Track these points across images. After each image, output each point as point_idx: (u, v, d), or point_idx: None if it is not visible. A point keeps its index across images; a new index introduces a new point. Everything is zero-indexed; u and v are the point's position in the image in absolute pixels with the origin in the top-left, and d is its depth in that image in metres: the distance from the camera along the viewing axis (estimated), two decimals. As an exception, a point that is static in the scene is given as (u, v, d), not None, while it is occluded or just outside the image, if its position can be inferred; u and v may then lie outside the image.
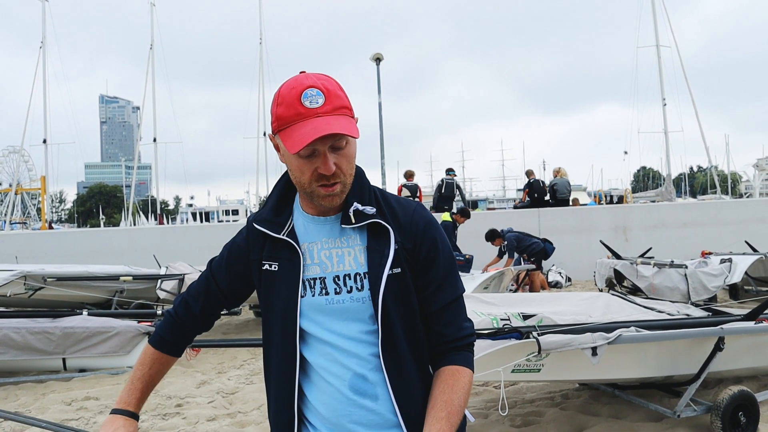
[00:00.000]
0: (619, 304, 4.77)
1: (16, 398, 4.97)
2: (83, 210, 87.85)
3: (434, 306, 1.42)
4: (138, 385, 1.54)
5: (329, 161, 1.30)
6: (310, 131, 1.26)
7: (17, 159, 42.70)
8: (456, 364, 1.41)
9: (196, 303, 1.57)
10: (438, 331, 1.43)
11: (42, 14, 35.14)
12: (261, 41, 40.36)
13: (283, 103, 1.31)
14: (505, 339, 3.16)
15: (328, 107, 1.29)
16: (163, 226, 29.18)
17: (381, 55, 15.93)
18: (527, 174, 15.35)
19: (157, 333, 1.60)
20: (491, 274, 8.65)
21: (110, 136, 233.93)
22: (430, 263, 1.42)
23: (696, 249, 10.63)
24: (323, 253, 1.41)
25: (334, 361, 1.38)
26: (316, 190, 1.34)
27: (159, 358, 1.58)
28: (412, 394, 1.38)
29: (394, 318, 1.37)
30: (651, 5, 30.90)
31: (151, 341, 1.59)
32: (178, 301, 1.62)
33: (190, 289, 1.61)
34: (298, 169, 1.33)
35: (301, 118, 1.28)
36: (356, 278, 1.38)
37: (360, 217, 1.39)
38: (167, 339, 1.59)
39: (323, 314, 1.39)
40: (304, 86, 1.30)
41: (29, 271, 7.36)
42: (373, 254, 1.38)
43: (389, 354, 1.36)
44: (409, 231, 1.41)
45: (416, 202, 1.51)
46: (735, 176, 65.44)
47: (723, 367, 3.94)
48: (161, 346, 1.58)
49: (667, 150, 30.62)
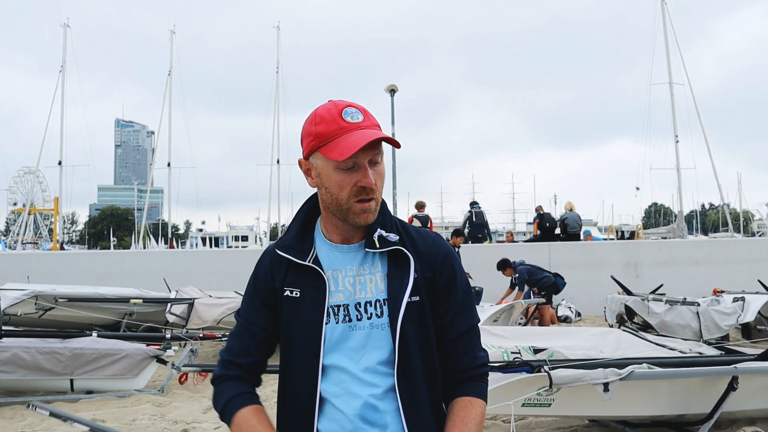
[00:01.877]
0: (630, 340, 4.73)
1: (22, 418, 4.96)
2: (94, 232, 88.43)
3: (451, 334, 1.44)
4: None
5: (369, 173, 1.35)
6: (358, 139, 1.31)
7: (32, 180, 43.17)
8: (470, 395, 1.42)
9: (242, 357, 1.45)
10: (454, 359, 1.44)
11: (63, 39, 35.99)
12: (278, 70, 40.92)
13: (322, 122, 1.36)
14: (516, 372, 3.15)
15: (368, 123, 1.37)
16: (174, 250, 29.29)
17: (395, 86, 16.11)
18: (537, 210, 15.42)
19: (227, 401, 1.42)
20: (501, 307, 8.60)
21: (124, 160, 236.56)
22: (449, 292, 1.45)
23: (707, 287, 10.52)
24: (347, 280, 1.42)
25: (345, 389, 1.38)
26: (353, 206, 1.37)
27: (255, 410, 1.40)
28: (424, 423, 1.38)
29: (411, 345, 1.37)
30: (665, 42, 31.12)
31: (231, 409, 1.40)
32: (219, 368, 1.47)
33: (229, 349, 1.47)
34: (337, 184, 1.36)
35: (344, 131, 1.34)
36: (376, 305, 1.40)
37: (383, 243, 1.41)
38: (241, 392, 1.43)
39: (342, 341, 1.40)
40: (343, 105, 1.37)
41: (41, 291, 7.42)
42: (394, 281, 1.40)
43: (405, 381, 1.37)
44: (428, 260, 1.44)
45: (435, 233, 1.54)
46: (747, 214, 64.96)
47: (736, 407, 3.88)
48: (244, 401, 1.41)
49: (680, 186, 30.53)
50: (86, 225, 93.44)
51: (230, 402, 1.41)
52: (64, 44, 35.93)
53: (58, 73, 35.67)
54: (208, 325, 7.43)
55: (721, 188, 31.37)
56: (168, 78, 38.71)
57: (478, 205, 14.82)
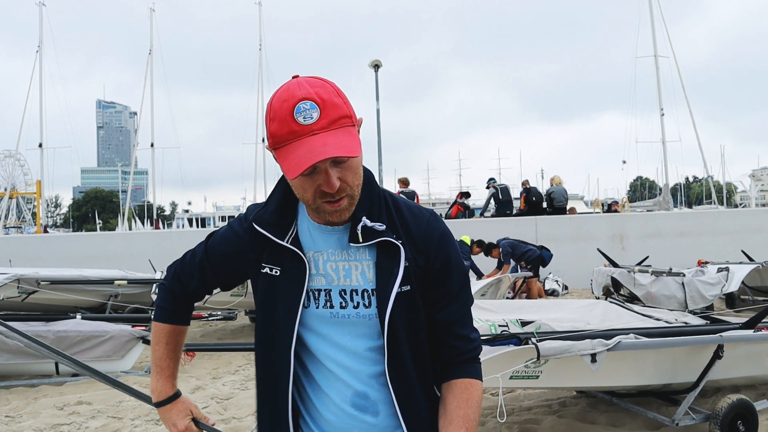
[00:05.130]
0: (616, 311, 4.76)
1: (7, 402, 4.91)
2: (79, 215, 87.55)
3: (445, 320, 1.38)
4: (163, 365, 1.53)
5: (332, 178, 1.21)
6: (305, 154, 1.17)
7: (12, 163, 42.48)
8: (467, 376, 1.39)
9: (189, 282, 1.52)
10: (448, 344, 1.40)
11: (39, 18, 35.14)
12: (261, 47, 40.40)
13: (275, 118, 1.21)
14: (504, 345, 3.14)
15: (324, 121, 1.19)
16: (159, 230, 29.07)
17: (380, 61, 15.95)
18: (523, 184, 15.43)
19: (161, 307, 1.55)
20: (488, 281, 8.62)
21: (107, 141, 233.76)
22: (444, 278, 1.37)
23: (692, 258, 10.63)
24: (329, 264, 1.34)
25: (334, 376, 1.35)
26: (322, 206, 1.27)
27: (172, 331, 1.54)
28: (419, 412, 1.35)
29: (400, 336, 1.32)
30: (650, 16, 31.06)
31: (156, 318, 1.55)
32: (170, 275, 1.55)
33: (183, 265, 1.53)
34: (299, 187, 1.26)
35: (295, 137, 1.19)
36: (363, 294, 1.33)
37: (369, 235, 1.31)
38: (173, 309, 1.54)
39: (328, 326, 1.34)
40: (297, 99, 1.19)
41: (23, 275, 7.31)
42: (382, 271, 1.31)
43: (396, 372, 1.33)
44: (422, 245, 1.35)
45: (430, 212, 1.43)
46: (731, 186, 65.70)
47: (721, 375, 3.91)
48: (169, 318, 1.54)
49: (665, 160, 30.71)
50: (70, 208, 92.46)
51: (161, 310, 1.54)
52: (40, 23, 35.12)
53: (35, 53, 34.94)
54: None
55: (706, 161, 31.64)
56: (149, 57, 38.13)
57: (494, 180, 14.74)
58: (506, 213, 13.79)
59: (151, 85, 38.06)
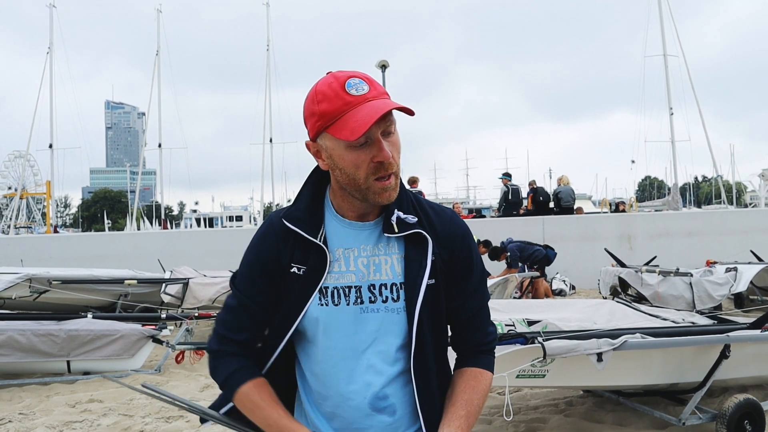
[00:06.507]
0: (623, 311, 4.76)
1: (20, 400, 4.97)
2: (88, 215, 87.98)
3: (465, 314, 1.43)
4: (279, 420, 1.33)
5: (385, 146, 1.25)
6: (368, 113, 1.21)
7: (23, 163, 42.80)
8: (479, 366, 1.43)
9: (238, 334, 1.39)
10: (466, 337, 1.45)
11: (50, 20, 35.47)
12: (268, 47, 40.50)
13: (325, 99, 1.24)
14: (511, 344, 3.16)
15: (374, 93, 1.25)
16: (168, 231, 29.20)
17: (387, 62, 15.97)
18: (530, 184, 15.42)
19: (227, 374, 1.38)
20: (495, 281, 8.64)
21: (115, 142, 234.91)
22: (466, 273, 1.41)
23: (700, 258, 10.58)
24: (360, 261, 1.35)
25: (357, 376, 1.35)
26: (372, 185, 1.27)
27: (257, 385, 1.36)
28: (436, 407, 1.38)
29: (426, 330, 1.35)
30: (659, 14, 30.91)
31: (231, 385, 1.37)
32: (215, 342, 1.41)
33: (225, 323, 1.40)
34: (352, 164, 1.26)
35: (351, 106, 1.23)
36: (392, 288, 1.34)
37: (402, 226, 1.34)
38: (239, 367, 1.38)
39: (355, 325, 1.34)
40: (345, 77, 1.25)
41: (34, 274, 7.40)
42: (411, 264, 1.34)
43: (419, 366, 1.35)
44: (446, 241, 1.39)
45: (450, 210, 1.47)
46: (740, 186, 65.17)
47: (728, 375, 3.92)
48: (244, 376, 1.37)
49: (674, 159, 30.55)
50: (79, 208, 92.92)
51: (232, 376, 1.37)
52: (50, 24, 35.46)
53: (46, 54, 35.26)
54: (203, 304, 7.45)
55: (715, 160, 31.46)
56: (156, 58, 38.30)
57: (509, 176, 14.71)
58: (513, 213, 13.81)
59: (158, 85, 38.29)
